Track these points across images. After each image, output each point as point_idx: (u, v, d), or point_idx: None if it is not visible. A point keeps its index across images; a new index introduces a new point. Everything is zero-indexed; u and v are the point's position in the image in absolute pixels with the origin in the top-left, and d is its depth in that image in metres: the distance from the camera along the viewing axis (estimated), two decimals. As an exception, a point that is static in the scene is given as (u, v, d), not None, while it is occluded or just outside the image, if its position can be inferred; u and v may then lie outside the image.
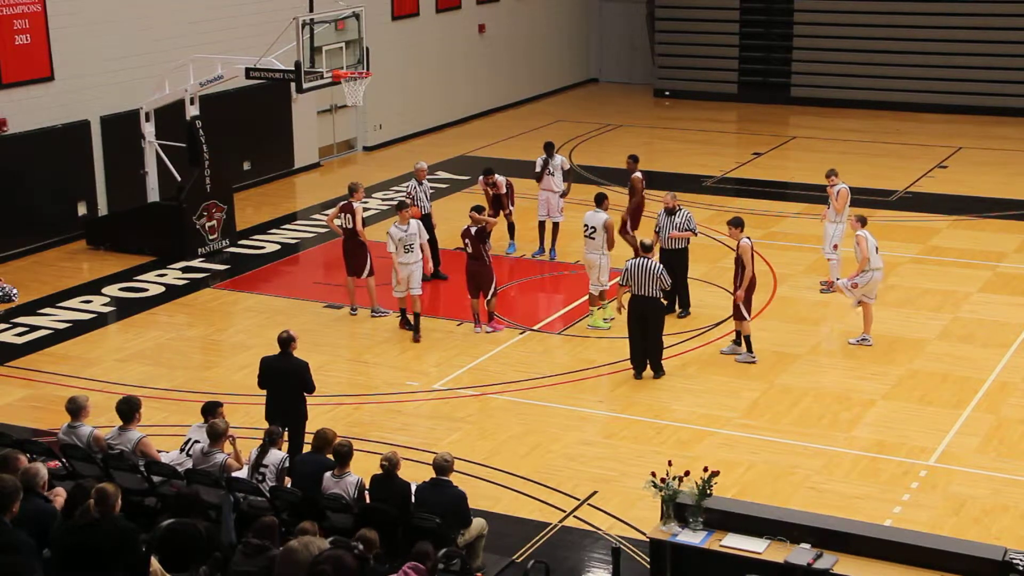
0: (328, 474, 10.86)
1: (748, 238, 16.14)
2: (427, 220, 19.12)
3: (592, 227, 17.31)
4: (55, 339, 17.45)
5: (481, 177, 20.34)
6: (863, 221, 16.89)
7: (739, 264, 16.05)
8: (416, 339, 17.11)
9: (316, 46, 19.72)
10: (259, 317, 18.24)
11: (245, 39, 23.19)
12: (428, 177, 19.62)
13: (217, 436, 11.33)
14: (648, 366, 15.76)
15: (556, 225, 20.44)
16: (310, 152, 26.98)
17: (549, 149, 20.56)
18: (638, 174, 19.72)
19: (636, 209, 19.66)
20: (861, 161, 26.40)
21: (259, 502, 10.69)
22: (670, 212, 17.48)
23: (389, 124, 28.98)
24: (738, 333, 16.38)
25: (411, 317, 17.31)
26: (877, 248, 16.68)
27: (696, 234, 17.74)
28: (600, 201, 17.56)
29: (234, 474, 11.15)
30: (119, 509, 9.18)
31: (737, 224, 16.25)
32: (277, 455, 11.22)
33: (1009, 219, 22.50)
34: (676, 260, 17.39)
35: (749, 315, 16.17)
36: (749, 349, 16.24)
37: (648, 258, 15.52)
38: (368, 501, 10.77)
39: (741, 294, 15.99)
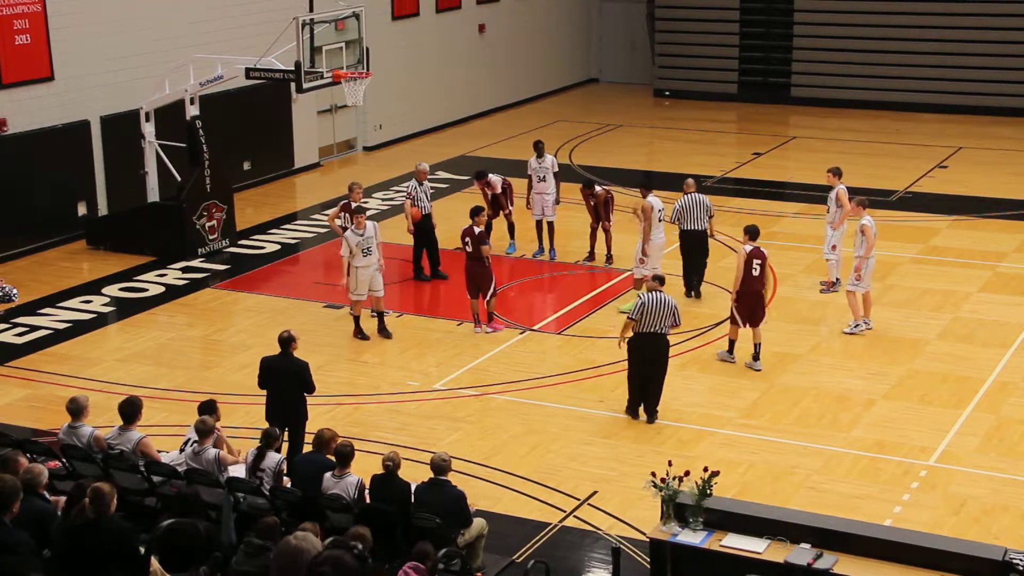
0: (328, 474, 10.87)
1: (751, 246, 15.85)
2: (427, 220, 19.13)
3: (662, 208, 17.96)
4: (55, 339, 17.45)
5: (475, 180, 20.39)
6: (864, 204, 17.12)
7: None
8: (386, 335, 17.19)
9: (316, 46, 19.70)
10: (259, 317, 18.25)
11: (245, 39, 23.18)
12: (428, 177, 19.61)
13: (205, 433, 11.33)
14: (643, 408, 14.67)
15: (551, 224, 20.44)
16: (310, 152, 26.98)
17: (539, 149, 20.44)
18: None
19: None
20: (861, 161, 26.38)
21: (259, 502, 10.69)
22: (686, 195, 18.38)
23: (389, 124, 28.98)
24: (731, 342, 16.21)
25: (371, 316, 17.28)
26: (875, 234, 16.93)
27: (673, 222, 18.26)
28: (651, 186, 18.15)
29: (233, 474, 11.15)
30: (115, 509, 9.17)
31: (747, 232, 16.13)
32: (274, 458, 11.22)
33: (1009, 219, 22.50)
34: (688, 242, 18.36)
35: (740, 323, 15.97)
36: (730, 350, 16.13)
37: (662, 291, 14.33)
38: (368, 501, 10.78)
39: (733, 297, 16.00)
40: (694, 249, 18.48)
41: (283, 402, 13.01)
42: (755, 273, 15.77)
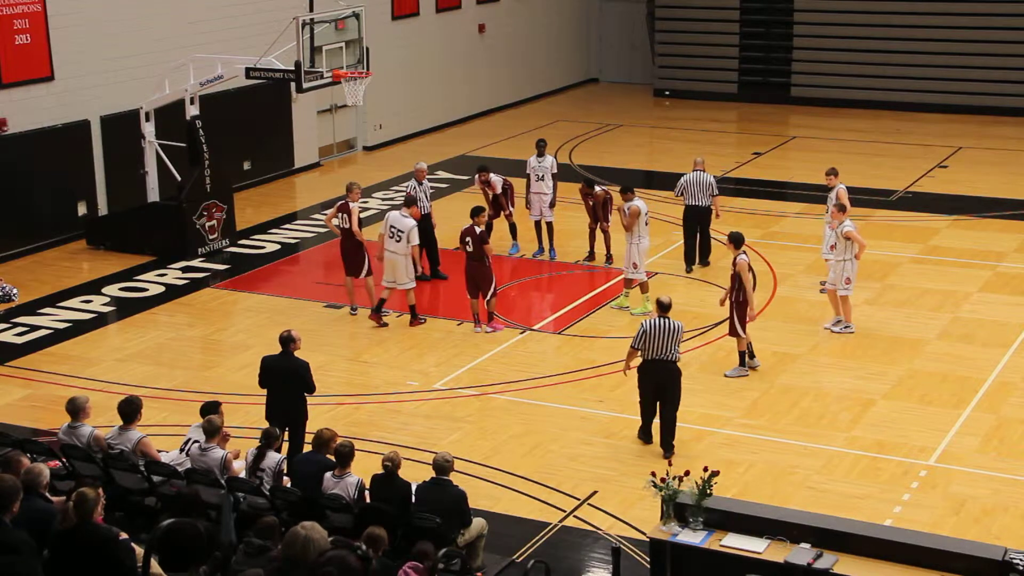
0: (328, 474, 10.87)
1: (745, 254, 15.67)
2: (427, 220, 19.12)
3: (647, 211, 18.16)
4: (55, 339, 17.45)
5: (476, 175, 20.40)
6: (843, 209, 17.09)
7: (734, 280, 15.61)
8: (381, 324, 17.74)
9: (316, 46, 19.71)
10: (259, 317, 18.25)
11: (245, 39, 23.19)
12: (428, 177, 19.62)
13: (213, 432, 11.33)
14: (659, 443, 13.92)
15: (550, 225, 20.45)
16: (310, 152, 26.99)
17: (540, 148, 20.46)
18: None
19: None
20: (861, 161, 26.39)
21: (259, 502, 10.69)
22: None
23: (389, 124, 28.98)
24: (741, 355, 15.95)
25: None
26: None
27: (675, 196, 20.00)
28: (632, 190, 18.33)
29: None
30: (116, 510, 9.12)
31: (734, 240, 15.88)
32: (274, 457, 11.22)
33: (1009, 219, 22.50)
34: (690, 217, 19.55)
35: (744, 331, 15.75)
36: (742, 363, 15.89)
37: (668, 318, 13.68)
38: (368, 501, 10.78)
39: (724, 306, 15.72)
40: (695, 224, 19.55)
41: (283, 402, 13.01)
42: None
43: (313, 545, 8.46)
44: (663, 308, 13.76)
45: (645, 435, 14.08)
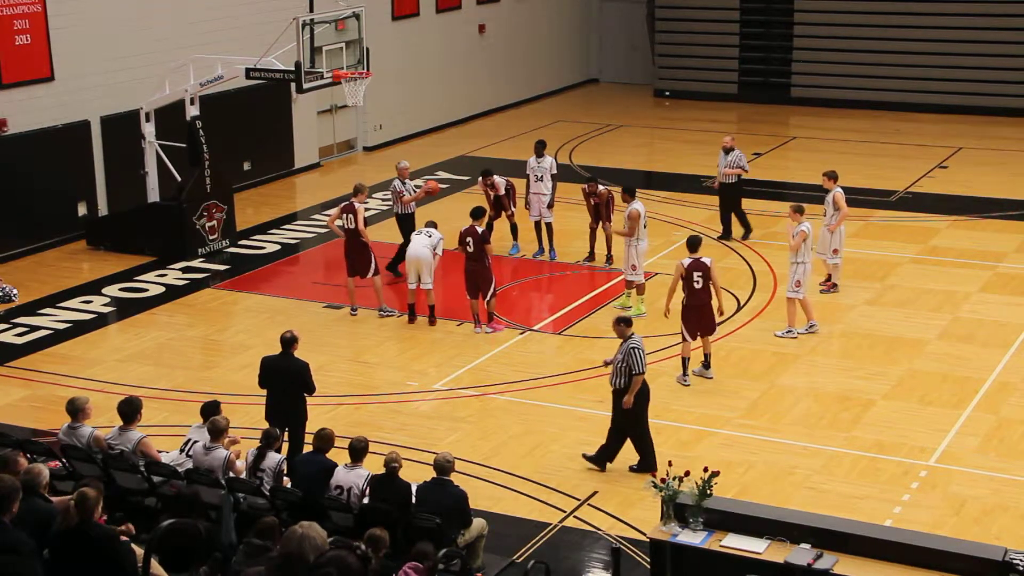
0: (341, 466, 10.92)
1: (689, 259, 15.29)
2: (409, 220, 19.14)
3: (645, 213, 18.00)
4: (55, 339, 17.45)
5: (480, 179, 20.39)
6: (801, 211, 16.99)
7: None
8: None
9: (316, 46, 19.71)
10: (259, 317, 18.25)
11: (245, 39, 23.18)
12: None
13: (218, 432, 11.34)
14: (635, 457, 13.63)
15: (549, 225, 20.45)
16: (310, 152, 26.98)
17: (540, 149, 20.47)
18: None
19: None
20: (861, 161, 26.39)
21: (259, 503, 10.69)
22: (727, 151, 20.71)
23: (389, 124, 28.98)
24: (706, 355, 15.80)
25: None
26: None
27: (746, 171, 20.99)
28: (634, 192, 18.23)
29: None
30: (117, 510, 9.13)
31: (688, 243, 15.67)
32: (274, 458, 11.23)
33: (1009, 219, 22.50)
34: (732, 192, 21.05)
35: (690, 338, 15.50)
36: (685, 372, 15.63)
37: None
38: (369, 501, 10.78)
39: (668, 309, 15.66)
40: (736, 197, 21.24)
41: (283, 402, 13.01)
42: (698, 286, 15.29)
43: (309, 542, 8.45)
44: (629, 324, 13.55)
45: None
